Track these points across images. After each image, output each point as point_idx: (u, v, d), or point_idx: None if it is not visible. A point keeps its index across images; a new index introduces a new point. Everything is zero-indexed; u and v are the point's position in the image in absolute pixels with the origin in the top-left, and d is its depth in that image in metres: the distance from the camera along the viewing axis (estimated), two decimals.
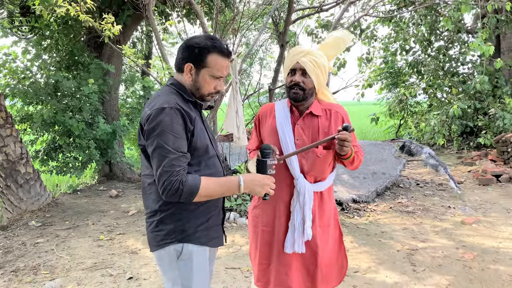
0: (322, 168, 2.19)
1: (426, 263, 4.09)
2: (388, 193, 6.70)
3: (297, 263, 2.22)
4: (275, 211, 2.23)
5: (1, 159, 5.95)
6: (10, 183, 5.97)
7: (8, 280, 3.91)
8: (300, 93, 2.13)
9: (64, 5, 4.16)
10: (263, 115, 2.33)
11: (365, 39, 13.51)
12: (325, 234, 2.26)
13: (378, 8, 12.57)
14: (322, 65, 2.14)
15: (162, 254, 1.89)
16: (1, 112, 6.00)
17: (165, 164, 1.73)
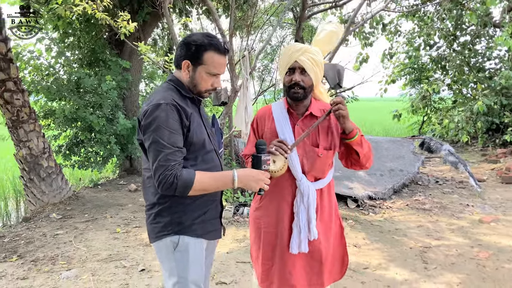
0: (323, 168, 2.20)
1: (439, 261, 4.05)
2: (406, 190, 6.62)
3: (300, 261, 2.22)
4: (277, 212, 2.22)
5: (24, 153, 6.16)
6: (33, 176, 6.18)
7: (28, 269, 4.07)
8: (301, 92, 2.11)
9: (81, 4, 4.27)
10: (261, 119, 2.30)
11: (388, 34, 13.33)
12: (327, 229, 2.26)
13: (402, 2, 12.37)
14: (319, 62, 2.14)
15: (160, 245, 1.94)
16: (25, 107, 6.21)
17: (160, 158, 1.77)
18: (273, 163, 2.02)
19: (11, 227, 5.54)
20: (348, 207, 5.86)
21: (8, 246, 4.74)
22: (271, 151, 2.03)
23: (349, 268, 3.90)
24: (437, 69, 13.19)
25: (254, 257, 2.37)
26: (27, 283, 3.75)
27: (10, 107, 6.10)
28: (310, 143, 2.17)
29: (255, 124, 2.32)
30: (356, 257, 4.19)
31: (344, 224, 5.18)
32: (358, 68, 13.44)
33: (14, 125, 6.15)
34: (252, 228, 2.34)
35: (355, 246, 4.49)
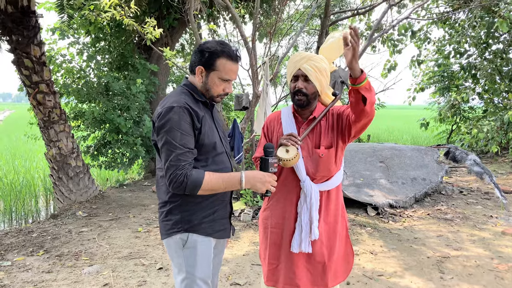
0: (328, 167, 2.25)
1: (456, 271, 4.00)
2: (428, 200, 6.53)
3: (304, 261, 2.28)
4: (284, 213, 2.30)
5: (54, 153, 6.42)
6: (62, 175, 6.43)
7: (53, 263, 4.25)
8: (304, 99, 2.19)
9: (110, 10, 4.45)
10: (271, 123, 2.40)
11: (417, 41, 13.19)
12: (331, 231, 2.31)
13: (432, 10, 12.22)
14: (323, 69, 2.20)
15: (170, 242, 2.03)
16: (56, 109, 6.48)
17: (172, 158, 1.87)
18: (286, 153, 2.10)
19: (40, 223, 5.77)
20: (368, 215, 5.84)
21: (36, 241, 4.95)
22: (283, 142, 2.12)
23: (364, 274, 3.92)
24: (468, 78, 12.94)
25: (262, 256, 2.44)
26: (51, 276, 3.92)
27: (42, 108, 6.38)
28: (312, 145, 2.25)
29: (266, 129, 2.42)
30: (372, 264, 4.18)
31: (361, 231, 5.18)
32: (386, 75, 13.36)
33: (46, 126, 6.43)
34: (261, 228, 2.42)
35: (371, 253, 4.48)
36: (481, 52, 12.30)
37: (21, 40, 6.18)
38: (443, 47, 13.25)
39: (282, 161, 2.10)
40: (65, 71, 7.76)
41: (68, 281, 3.81)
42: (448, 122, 13.37)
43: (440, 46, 13.26)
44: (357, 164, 6.78)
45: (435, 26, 13.00)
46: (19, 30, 6.15)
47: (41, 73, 6.33)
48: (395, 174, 6.56)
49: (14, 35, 6.16)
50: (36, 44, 6.30)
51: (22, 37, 6.18)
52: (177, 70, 10.29)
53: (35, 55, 6.28)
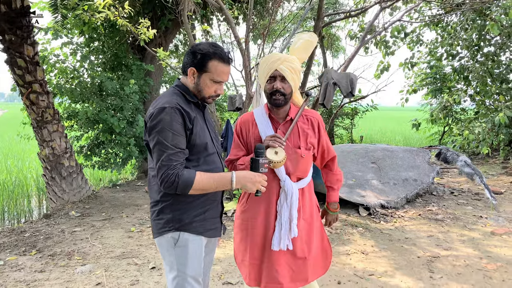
0: (305, 168, 2.35)
1: (445, 270, 4.05)
2: (420, 200, 6.60)
3: (285, 259, 2.32)
4: (264, 213, 2.33)
5: (47, 153, 6.42)
6: (55, 175, 6.43)
7: (45, 263, 4.26)
8: (281, 98, 2.25)
9: (104, 11, 4.47)
10: (244, 125, 2.42)
11: (410, 43, 13.29)
12: (309, 226, 2.38)
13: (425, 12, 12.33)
14: (297, 69, 2.29)
15: (162, 240, 2.06)
16: (49, 109, 6.48)
17: (163, 158, 1.90)
18: (275, 154, 2.15)
19: (32, 223, 5.77)
20: (359, 215, 5.89)
21: (28, 241, 4.95)
22: (270, 144, 2.17)
23: (355, 274, 3.96)
24: (460, 80, 13.06)
25: (239, 259, 2.43)
26: (44, 275, 3.93)
27: (36, 108, 6.38)
28: (292, 145, 2.30)
29: (239, 130, 2.43)
30: (363, 263, 4.23)
31: (353, 231, 5.23)
32: (379, 77, 13.45)
33: (39, 125, 6.42)
34: (238, 230, 2.42)
35: (362, 253, 4.53)
36: (473, 55, 12.42)
37: (14, 39, 6.17)
38: (436, 49, 13.37)
39: (272, 163, 2.14)
40: (59, 71, 7.75)
41: (61, 280, 3.82)
42: (440, 124, 13.48)
43: (433, 48, 13.37)
44: (349, 164, 6.83)
45: (427, 28, 13.11)
46: (13, 30, 6.14)
47: (34, 73, 6.33)
48: (387, 175, 6.62)
49: (7, 34, 6.15)
50: (29, 44, 6.29)
51: (15, 37, 6.17)
52: (171, 71, 10.30)
53: (28, 54, 6.27)
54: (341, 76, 5.05)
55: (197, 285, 2.06)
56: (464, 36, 12.16)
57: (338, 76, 5.02)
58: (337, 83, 4.94)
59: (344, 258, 4.37)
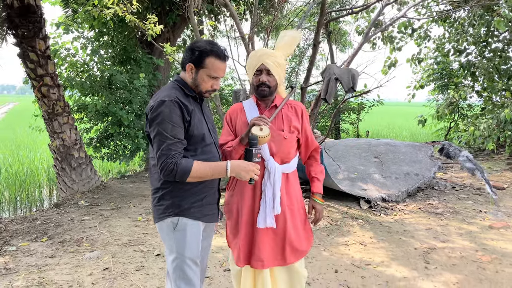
0: (288, 150, 2.52)
1: (440, 262, 4.17)
2: (421, 194, 6.70)
3: (268, 238, 2.49)
4: (250, 194, 2.49)
5: (58, 144, 6.62)
6: (65, 166, 6.63)
7: (55, 249, 4.45)
8: (267, 90, 2.45)
9: (112, 7, 4.63)
10: (233, 113, 2.61)
11: (417, 39, 13.29)
12: (292, 212, 2.54)
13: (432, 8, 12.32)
14: (282, 64, 2.48)
15: (162, 225, 2.22)
16: (60, 101, 6.67)
17: (163, 148, 2.05)
18: (261, 131, 2.31)
19: (43, 212, 5.98)
20: (360, 208, 6.01)
21: (40, 228, 5.16)
22: (256, 122, 2.33)
23: (352, 263, 4.10)
24: (467, 76, 13.05)
25: (230, 242, 2.61)
26: (54, 260, 4.13)
27: (47, 100, 6.57)
28: (276, 127, 2.48)
29: (229, 118, 2.62)
30: (361, 254, 4.36)
31: (353, 223, 5.36)
32: (386, 72, 13.48)
33: (50, 118, 6.63)
34: (229, 214, 2.60)
35: (361, 243, 4.66)
36: (481, 51, 12.41)
37: (27, 34, 6.35)
38: (443, 45, 13.35)
39: (258, 137, 2.29)
40: (69, 65, 7.94)
41: (70, 265, 4.01)
42: (445, 120, 13.50)
43: (440, 44, 13.36)
44: (352, 159, 6.95)
45: (435, 24, 13.10)
46: (25, 25, 6.33)
47: (45, 66, 6.52)
48: (389, 169, 6.73)
49: (20, 29, 6.34)
50: (41, 38, 6.48)
51: (27, 31, 6.36)
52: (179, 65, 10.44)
53: (40, 48, 6.46)
54: (342, 71, 5.16)
55: (194, 267, 2.21)
56: (472, 32, 12.15)
57: (340, 72, 5.12)
58: (338, 78, 5.05)
59: (343, 249, 4.51)
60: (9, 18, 6.35)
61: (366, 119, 15.45)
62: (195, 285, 2.21)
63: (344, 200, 6.30)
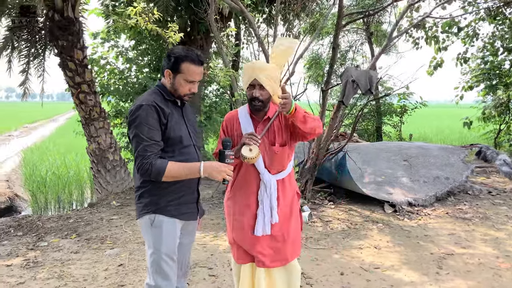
0: (281, 162, 2.57)
1: (455, 267, 4.05)
2: (451, 199, 6.47)
3: (266, 241, 2.56)
4: (246, 200, 2.58)
5: (94, 148, 7.02)
6: (100, 168, 7.02)
7: (81, 245, 4.76)
8: (260, 104, 2.50)
9: (135, 17, 4.89)
10: (229, 122, 2.68)
11: (465, 37, 12.77)
12: (288, 213, 2.61)
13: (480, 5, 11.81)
14: (275, 77, 2.50)
15: (142, 221, 2.36)
16: (96, 107, 7.09)
17: (139, 149, 2.20)
18: (250, 151, 2.38)
19: (78, 211, 6.38)
20: (384, 212, 5.91)
21: (71, 226, 5.52)
22: (246, 142, 2.40)
23: (361, 266, 4.07)
24: None
25: (229, 240, 2.72)
26: (77, 256, 4.42)
27: (84, 106, 7.01)
28: (268, 142, 2.53)
29: (225, 127, 2.70)
30: (373, 257, 4.32)
31: (372, 227, 5.29)
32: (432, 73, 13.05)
33: (87, 122, 7.05)
34: (226, 214, 2.71)
35: (375, 247, 4.61)
36: None
37: (66, 44, 6.82)
38: (492, 44, 12.73)
39: (246, 159, 2.38)
40: (109, 73, 8.39)
41: (90, 260, 4.27)
42: (495, 122, 12.85)
43: (488, 43, 12.76)
44: (380, 162, 6.84)
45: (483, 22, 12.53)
46: (64, 36, 6.79)
47: (83, 74, 6.95)
48: (418, 172, 6.56)
49: (60, 40, 6.81)
50: (79, 48, 6.93)
51: (67, 42, 6.82)
52: None
53: (78, 58, 6.90)
54: (360, 73, 5.12)
55: (170, 262, 2.34)
56: None
57: (357, 74, 5.09)
58: (356, 80, 5.02)
59: (355, 252, 4.48)
60: (51, 31, 6.85)
61: (410, 121, 15.00)
62: (171, 280, 2.34)
63: (368, 204, 6.21)
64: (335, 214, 5.86)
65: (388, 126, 13.77)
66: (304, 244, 4.69)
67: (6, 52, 8.09)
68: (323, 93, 5.74)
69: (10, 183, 9.95)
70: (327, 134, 6.09)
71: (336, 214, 5.83)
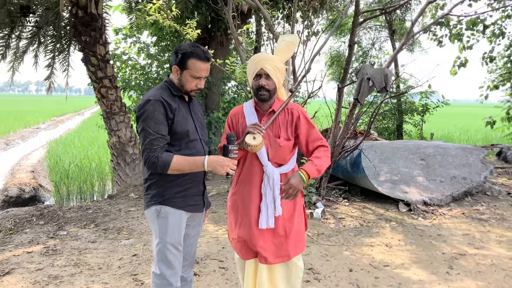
0: (284, 155, 2.60)
1: (466, 268, 4.02)
2: (469, 199, 6.38)
3: (269, 236, 2.60)
4: (250, 194, 2.62)
5: (114, 141, 7.20)
6: (120, 161, 7.20)
7: (98, 235, 4.92)
8: (266, 94, 2.53)
9: (153, 13, 5.00)
10: (235, 116, 2.73)
11: (491, 36, 12.49)
12: (290, 208, 2.64)
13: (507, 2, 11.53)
14: (281, 69, 2.55)
15: (149, 212, 2.45)
16: (117, 102, 7.25)
17: (146, 142, 2.29)
18: (253, 139, 2.43)
19: (97, 202, 6.57)
20: (398, 211, 5.89)
21: (90, 217, 5.69)
22: (250, 130, 2.45)
23: (370, 264, 4.09)
24: None
25: (231, 236, 2.75)
26: (94, 245, 4.57)
27: (105, 101, 7.18)
28: (273, 135, 2.57)
29: (230, 121, 2.74)
30: (383, 255, 4.33)
31: (385, 225, 5.28)
32: (455, 73, 12.81)
33: (108, 116, 7.23)
34: (230, 210, 2.74)
35: (386, 245, 4.61)
36: None
37: (89, 40, 7.00)
38: None
39: (250, 146, 2.43)
40: (131, 68, 8.56)
41: (106, 250, 4.42)
42: None
43: None
44: (396, 161, 6.79)
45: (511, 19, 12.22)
46: (87, 32, 6.97)
47: (105, 69, 7.13)
48: (435, 172, 6.50)
49: (83, 36, 7.00)
50: (101, 44, 7.10)
51: (89, 38, 7.00)
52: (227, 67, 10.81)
53: (100, 53, 7.08)
54: (375, 71, 5.10)
55: (175, 251, 2.42)
56: None
57: (373, 72, 5.07)
58: (371, 78, 5.01)
59: (366, 249, 4.49)
60: (75, 27, 7.04)
61: (433, 120, 14.78)
62: (175, 268, 2.42)
63: (383, 203, 6.19)
64: (348, 211, 5.87)
65: (409, 124, 13.59)
66: (315, 240, 4.73)
67: (33, 47, 8.37)
68: (339, 90, 5.75)
69: (35, 174, 10.28)
70: (343, 132, 6.09)
71: (350, 212, 5.84)
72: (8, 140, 17.95)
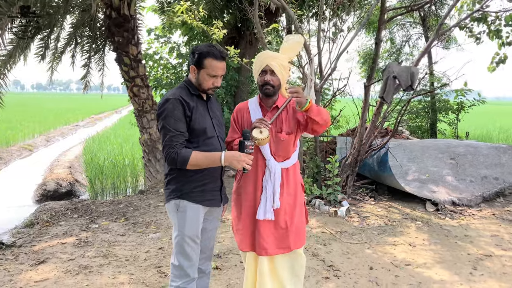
0: (287, 149, 2.71)
1: (491, 269, 3.96)
2: (501, 200, 6.22)
3: (270, 228, 2.69)
4: (252, 188, 2.73)
5: (146, 138, 7.43)
6: (151, 157, 7.42)
7: (128, 229, 5.11)
8: (271, 89, 2.64)
9: (180, 15, 5.15)
10: (240, 112, 2.83)
11: None
12: (292, 201, 2.73)
13: None
14: (286, 66, 2.66)
15: (169, 206, 2.57)
16: (148, 100, 7.48)
17: (166, 139, 2.40)
18: (260, 133, 2.55)
19: (129, 197, 6.80)
20: (425, 210, 5.82)
21: (121, 211, 5.91)
22: (256, 125, 2.56)
23: (392, 263, 4.09)
24: None
25: (235, 228, 2.85)
26: (123, 238, 4.76)
27: (137, 99, 7.42)
28: (275, 130, 2.67)
29: (236, 116, 2.85)
30: (406, 254, 4.31)
31: (411, 225, 5.24)
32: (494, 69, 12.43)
33: (140, 114, 7.46)
34: (234, 203, 2.84)
35: (410, 244, 4.58)
36: None
37: (121, 40, 7.24)
38: None
39: (257, 140, 2.54)
40: (162, 67, 8.79)
41: (134, 243, 4.60)
42: None
43: None
44: (425, 160, 6.70)
45: None
46: (120, 33, 7.22)
47: (137, 69, 7.36)
48: (465, 171, 6.37)
49: (116, 36, 7.25)
50: (133, 44, 7.33)
51: (122, 38, 7.24)
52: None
53: (132, 53, 7.31)
54: (401, 69, 5.06)
55: (193, 244, 2.53)
56: None
57: (399, 70, 5.03)
58: (396, 76, 4.97)
59: (388, 248, 4.48)
60: (108, 28, 7.30)
61: (469, 119, 14.38)
62: (193, 260, 2.53)
63: (410, 202, 6.13)
64: (373, 210, 5.85)
65: (443, 123, 13.27)
66: (337, 238, 4.76)
67: (70, 47, 8.72)
68: (365, 88, 5.72)
69: (72, 170, 10.73)
70: (370, 130, 6.06)
71: (375, 210, 5.82)
72: (48, 137, 18.75)
